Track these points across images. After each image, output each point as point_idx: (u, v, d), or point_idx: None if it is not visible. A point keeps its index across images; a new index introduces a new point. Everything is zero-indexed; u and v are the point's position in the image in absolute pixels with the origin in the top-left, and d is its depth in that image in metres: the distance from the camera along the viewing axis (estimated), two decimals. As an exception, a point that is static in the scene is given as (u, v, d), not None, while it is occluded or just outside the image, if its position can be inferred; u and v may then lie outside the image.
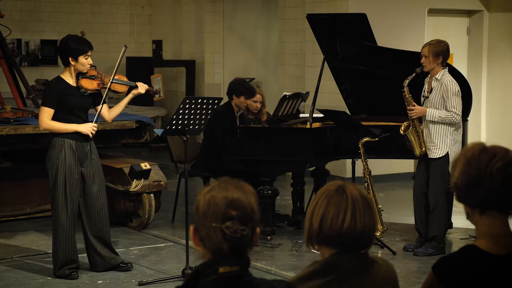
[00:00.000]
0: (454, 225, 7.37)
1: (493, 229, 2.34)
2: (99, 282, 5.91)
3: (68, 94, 5.84)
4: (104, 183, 6.12)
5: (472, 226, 2.43)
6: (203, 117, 6.06)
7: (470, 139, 7.52)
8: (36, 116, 7.37)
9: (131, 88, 6.09)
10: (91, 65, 5.93)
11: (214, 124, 7.32)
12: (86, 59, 5.84)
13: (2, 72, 8.89)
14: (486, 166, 2.29)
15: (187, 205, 5.97)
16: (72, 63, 5.83)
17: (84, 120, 5.96)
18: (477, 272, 2.31)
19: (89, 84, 5.91)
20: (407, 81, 6.54)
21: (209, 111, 6.08)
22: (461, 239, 7.19)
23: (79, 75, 5.90)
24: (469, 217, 2.38)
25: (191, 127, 6.01)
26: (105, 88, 5.96)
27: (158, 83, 10.64)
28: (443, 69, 6.52)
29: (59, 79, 5.91)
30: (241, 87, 7.55)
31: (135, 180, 7.24)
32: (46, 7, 13.59)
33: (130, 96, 6.07)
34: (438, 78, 6.48)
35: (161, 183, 7.47)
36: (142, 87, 6.04)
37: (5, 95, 8.64)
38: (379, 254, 6.52)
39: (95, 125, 5.91)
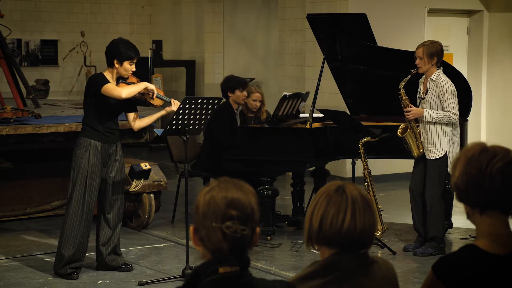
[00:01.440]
0: (454, 225, 7.37)
1: (493, 229, 2.34)
2: (99, 282, 5.91)
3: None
4: (123, 186, 6.19)
5: (472, 226, 2.43)
6: (203, 117, 6.05)
7: (470, 139, 7.52)
8: (36, 116, 7.38)
9: (166, 103, 6.09)
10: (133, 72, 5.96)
11: (214, 124, 7.32)
12: (130, 65, 5.88)
13: (2, 72, 8.89)
14: (486, 166, 2.29)
15: (187, 205, 5.97)
16: (117, 66, 5.85)
17: (115, 123, 5.98)
18: (477, 272, 2.31)
19: None
20: (403, 83, 6.54)
21: (209, 111, 6.08)
22: (461, 239, 7.19)
23: (120, 79, 5.92)
24: (469, 217, 2.38)
25: (191, 127, 6.01)
26: (142, 97, 5.97)
27: (158, 83, 10.64)
28: (437, 69, 6.52)
29: (102, 75, 5.91)
30: (232, 82, 7.57)
31: (135, 180, 7.24)
32: (46, 7, 13.58)
33: (162, 112, 6.09)
34: (433, 78, 6.48)
35: (161, 183, 7.47)
36: (175, 105, 6.01)
37: (5, 95, 8.64)
38: (379, 254, 6.52)
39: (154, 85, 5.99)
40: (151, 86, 5.92)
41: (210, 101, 6.08)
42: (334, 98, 9.42)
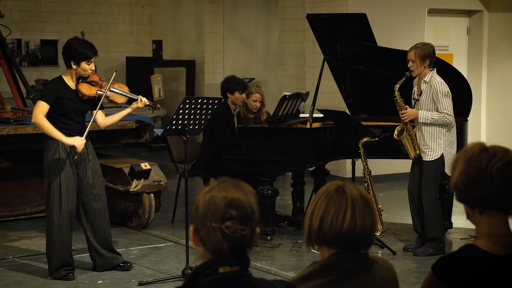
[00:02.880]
0: (454, 225, 7.37)
1: (493, 229, 2.34)
2: (99, 282, 5.91)
3: (65, 97, 5.79)
4: (103, 184, 6.11)
5: (472, 226, 2.43)
6: (203, 117, 6.05)
7: (470, 139, 7.52)
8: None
9: (132, 100, 6.03)
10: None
11: (213, 124, 7.32)
12: (88, 64, 5.80)
13: (2, 72, 8.89)
14: (486, 166, 2.29)
15: (187, 205, 5.97)
16: (74, 67, 5.80)
17: (80, 123, 5.90)
18: (477, 272, 2.31)
19: (87, 90, 5.86)
20: (398, 86, 6.56)
21: (209, 111, 6.08)
22: (461, 239, 7.19)
23: (80, 78, 5.87)
24: (469, 217, 2.38)
25: (191, 127, 6.01)
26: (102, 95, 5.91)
27: (158, 83, 10.63)
28: (431, 70, 6.52)
29: (60, 79, 5.89)
30: (232, 83, 7.56)
31: (135, 180, 7.24)
32: (46, 7, 13.58)
33: (128, 109, 6.00)
34: (427, 80, 6.49)
35: (161, 183, 7.47)
36: (141, 102, 5.94)
37: (5, 95, 8.64)
38: (379, 254, 6.52)
39: (84, 140, 5.77)
40: (71, 142, 5.70)
41: (210, 101, 6.08)
42: (334, 98, 9.42)
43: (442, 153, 6.50)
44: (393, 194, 9.34)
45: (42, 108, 5.76)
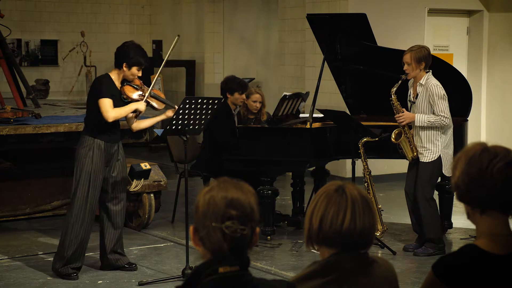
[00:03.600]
0: (454, 225, 7.37)
1: (493, 229, 2.34)
2: (99, 282, 5.91)
3: (113, 95, 5.85)
4: (125, 186, 6.21)
5: (472, 226, 2.43)
6: (203, 117, 6.05)
7: (470, 139, 7.52)
8: (36, 116, 7.37)
9: (168, 107, 6.09)
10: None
11: (212, 124, 7.31)
12: (138, 70, 5.89)
13: (2, 72, 8.89)
14: (487, 166, 2.29)
15: (187, 205, 5.97)
16: (125, 69, 5.86)
17: (116, 122, 5.96)
18: (477, 272, 2.31)
19: (131, 93, 5.94)
20: (394, 89, 6.56)
21: (209, 111, 6.08)
22: (461, 239, 7.19)
23: (125, 81, 5.94)
24: (469, 216, 2.38)
25: (191, 127, 6.01)
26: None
27: (158, 84, 10.62)
28: (426, 73, 6.52)
29: (108, 77, 5.92)
30: (233, 83, 7.55)
31: (135, 180, 7.24)
32: (46, 7, 13.58)
33: (162, 116, 6.10)
34: (423, 83, 6.49)
35: (161, 183, 7.47)
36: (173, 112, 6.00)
37: (5, 95, 8.63)
38: (379, 254, 6.52)
39: (145, 104, 5.93)
40: (141, 107, 5.90)
41: (210, 101, 6.08)
42: (334, 98, 9.41)
43: (440, 155, 6.50)
44: (393, 194, 9.34)
45: (109, 104, 5.77)
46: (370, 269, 2.36)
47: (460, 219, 7.37)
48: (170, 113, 6.02)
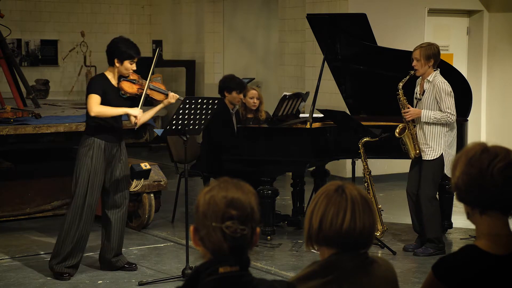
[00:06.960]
0: (454, 225, 7.37)
1: (493, 229, 2.34)
2: (99, 282, 5.91)
3: (109, 93, 5.86)
4: (128, 186, 6.20)
5: (472, 226, 2.43)
6: (203, 117, 6.05)
7: (470, 139, 7.52)
8: (36, 116, 7.38)
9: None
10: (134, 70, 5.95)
11: (212, 123, 7.31)
12: (131, 64, 5.88)
13: (2, 72, 8.89)
14: (487, 166, 2.29)
15: (187, 205, 5.97)
16: (117, 65, 5.86)
17: (119, 121, 5.98)
18: (477, 272, 2.31)
19: (129, 88, 5.94)
20: (402, 84, 6.56)
21: (209, 111, 6.08)
22: (461, 239, 7.19)
23: (121, 77, 5.93)
24: (469, 217, 2.38)
25: (191, 127, 6.01)
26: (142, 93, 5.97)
27: (158, 81, 10.61)
28: (434, 71, 6.53)
29: (103, 76, 5.93)
30: (231, 83, 7.54)
31: (135, 180, 7.24)
32: (46, 7, 13.58)
33: (160, 105, 6.06)
34: (430, 80, 6.49)
35: (161, 183, 7.47)
36: (173, 97, 5.99)
37: (5, 95, 8.64)
38: (379, 254, 6.52)
39: (141, 111, 5.87)
40: (133, 113, 5.81)
41: (210, 101, 6.08)
42: (334, 98, 9.41)
43: (442, 153, 6.50)
44: (393, 194, 9.34)
45: (95, 100, 5.77)
46: (370, 269, 2.36)
47: (460, 219, 7.37)
48: (166, 101, 5.99)
